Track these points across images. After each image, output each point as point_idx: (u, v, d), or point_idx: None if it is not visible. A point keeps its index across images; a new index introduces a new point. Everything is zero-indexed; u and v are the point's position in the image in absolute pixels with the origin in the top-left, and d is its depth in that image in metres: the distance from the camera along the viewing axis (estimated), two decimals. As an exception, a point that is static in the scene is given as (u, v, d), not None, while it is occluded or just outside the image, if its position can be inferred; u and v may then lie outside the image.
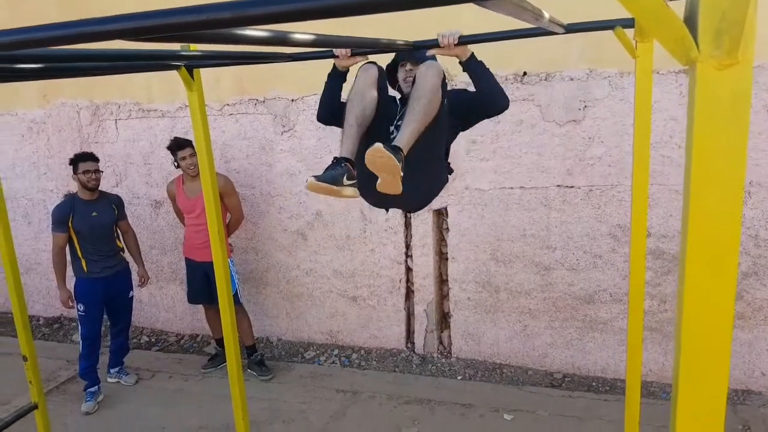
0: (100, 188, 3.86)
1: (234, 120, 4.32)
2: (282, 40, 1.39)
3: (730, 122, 0.68)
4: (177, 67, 2.41)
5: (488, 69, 2.17)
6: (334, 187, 1.99)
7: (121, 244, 4.02)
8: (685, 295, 0.73)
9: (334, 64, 2.35)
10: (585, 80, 3.45)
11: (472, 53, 2.13)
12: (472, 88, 2.30)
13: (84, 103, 4.72)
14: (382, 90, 2.24)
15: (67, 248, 3.81)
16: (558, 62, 3.47)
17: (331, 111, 2.43)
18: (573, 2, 2.88)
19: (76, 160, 3.75)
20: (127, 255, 4.07)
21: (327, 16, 0.89)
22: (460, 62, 2.16)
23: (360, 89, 2.15)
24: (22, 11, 4.65)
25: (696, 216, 0.73)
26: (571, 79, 3.48)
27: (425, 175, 2.16)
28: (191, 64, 2.41)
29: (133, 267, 4.13)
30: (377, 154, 1.83)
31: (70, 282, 3.86)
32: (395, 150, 1.87)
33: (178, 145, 3.82)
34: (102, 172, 3.87)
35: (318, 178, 1.99)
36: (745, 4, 0.62)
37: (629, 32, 2.05)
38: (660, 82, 3.20)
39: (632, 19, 1.95)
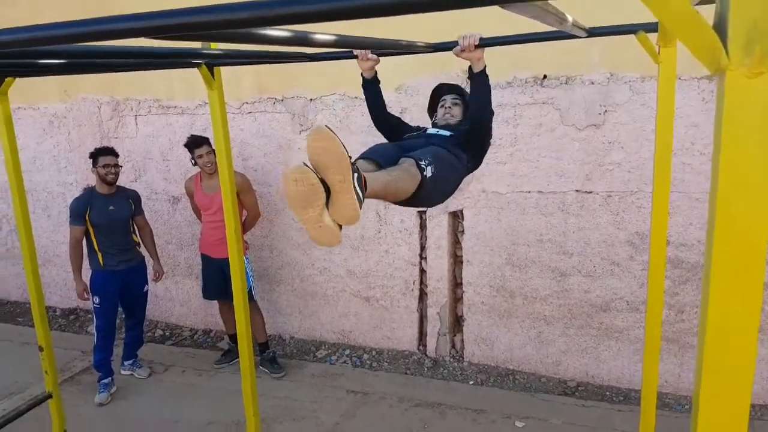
0: (118, 183, 3.91)
1: (252, 118, 4.34)
2: (303, 40, 1.39)
3: (760, 131, 0.66)
4: (198, 65, 2.43)
5: (490, 89, 2.18)
6: (324, 190, 1.41)
7: (137, 238, 4.07)
8: (710, 309, 0.71)
9: (362, 74, 2.39)
10: (606, 84, 3.40)
11: (485, 67, 2.13)
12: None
13: (105, 99, 4.78)
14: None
15: (84, 241, 3.86)
16: (578, 66, 3.43)
17: (380, 119, 2.51)
18: (595, 5, 2.84)
19: (97, 154, 3.81)
20: (143, 250, 4.12)
21: (346, 17, 0.89)
22: (470, 70, 2.15)
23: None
24: (43, 8, 4.71)
25: (722, 226, 0.71)
26: (592, 83, 3.43)
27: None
28: (212, 63, 2.43)
29: (149, 262, 4.17)
30: (320, 134, 1.39)
31: (87, 275, 3.91)
32: (359, 177, 1.46)
33: (195, 143, 3.85)
34: (121, 167, 3.92)
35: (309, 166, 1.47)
36: (779, 12, 0.60)
37: (652, 37, 2.02)
38: (682, 88, 3.15)
39: (655, 24, 1.92)
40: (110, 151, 3.84)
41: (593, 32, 1.82)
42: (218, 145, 2.70)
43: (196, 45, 2.09)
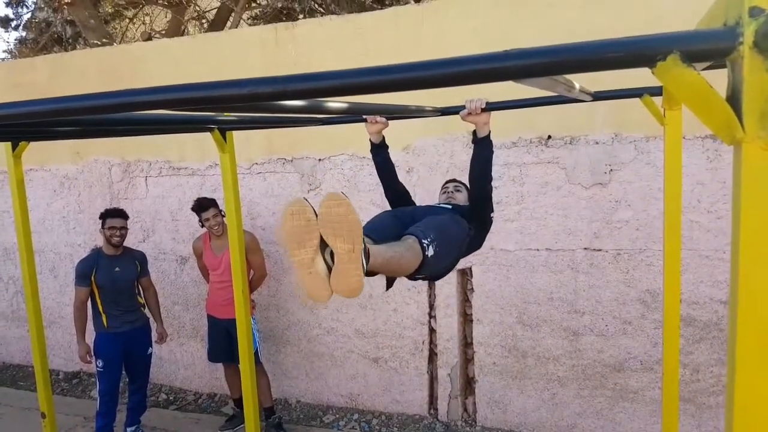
0: (126, 244, 3.93)
1: (262, 178, 4.41)
2: (317, 108, 1.43)
3: (779, 202, 0.67)
4: (210, 130, 2.49)
5: (492, 156, 2.16)
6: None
7: (143, 300, 4.03)
8: (737, 384, 0.69)
9: (370, 140, 2.43)
10: (610, 144, 3.46)
11: (489, 133, 2.16)
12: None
13: (116, 161, 4.88)
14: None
15: (90, 303, 3.82)
16: (582, 126, 3.49)
17: (390, 187, 2.53)
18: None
19: (105, 215, 3.83)
20: (147, 312, 4.08)
21: (362, 92, 0.92)
22: (474, 135, 2.17)
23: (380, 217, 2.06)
24: (60, 72, 4.89)
25: (745, 296, 0.70)
26: (596, 143, 3.49)
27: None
28: (224, 127, 2.49)
29: (154, 324, 4.11)
30: (334, 201, 1.36)
31: (90, 337, 3.85)
32: (365, 249, 1.44)
33: (201, 207, 3.87)
34: (128, 229, 3.90)
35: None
36: (792, 87, 0.61)
37: (656, 99, 2.07)
38: (686, 147, 3.19)
39: (659, 87, 1.98)
40: (119, 213, 3.85)
41: (599, 96, 1.87)
42: (228, 206, 2.73)
43: (210, 112, 2.15)
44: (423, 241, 1.70)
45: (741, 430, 0.71)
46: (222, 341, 3.98)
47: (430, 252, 1.69)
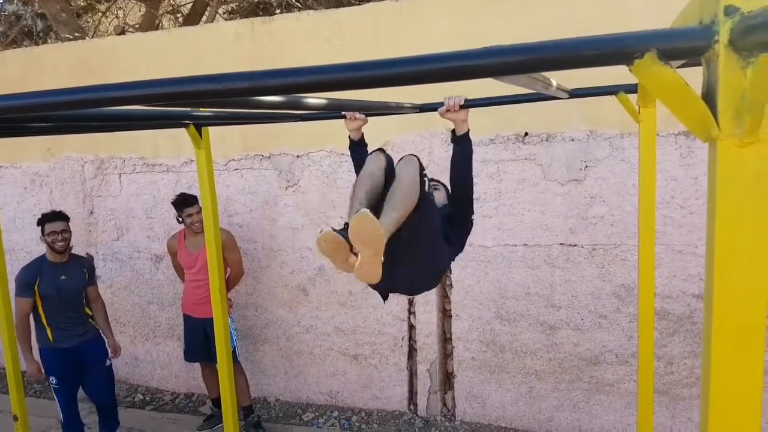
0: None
1: (239, 175, 4.36)
2: (295, 104, 1.42)
3: (753, 199, 0.68)
4: (186, 125, 2.45)
5: (471, 154, 2.12)
6: (346, 243, 1.80)
7: (90, 311, 3.68)
8: (713, 379, 0.70)
9: (349, 137, 2.39)
10: (586, 141, 3.50)
11: (468, 131, 2.13)
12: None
13: (89, 157, 4.77)
14: (388, 177, 2.11)
15: (33, 315, 3.48)
16: (559, 123, 3.53)
17: None
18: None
19: (43, 221, 3.48)
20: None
21: (338, 88, 0.91)
22: (453, 134, 2.15)
23: (370, 170, 2.06)
24: (32, 69, 4.76)
25: (721, 293, 0.71)
26: (572, 140, 3.53)
27: (424, 260, 2.08)
28: (200, 123, 2.45)
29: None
30: (364, 221, 1.66)
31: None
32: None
33: (185, 202, 3.80)
34: (70, 232, 3.55)
35: (335, 231, 1.83)
36: (766, 85, 0.62)
37: (631, 97, 2.10)
38: (660, 144, 3.25)
39: (635, 85, 2.00)
40: (58, 216, 3.49)
41: (575, 93, 1.89)
42: (205, 203, 2.69)
43: (185, 107, 2.11)
44: (423, 172, 1.93)
45: (716, 421, 0.73)
46: (198, 341, 3.93)
47: (427, 188, 1.94)
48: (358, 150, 2.47)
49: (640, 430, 2.49)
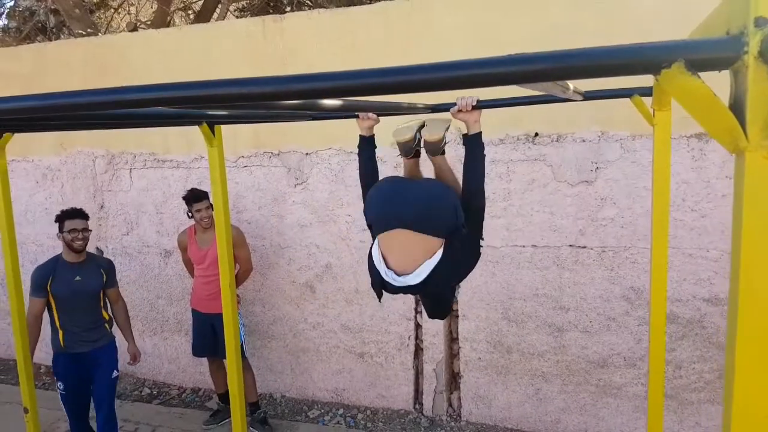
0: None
1: (248, 172, 4.37)
2: (311, 105, 1.42)
3: (780, 210, 0.68)
4: (199, 123, 2.46)
5: (484, 157, 2.06)
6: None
7: (108, 315, 3.54)
8: (735, 392, 0.70)
9: (360, 136, 2.35)
10: (597, 142, 3.49)
11: (480, 132, 2.06)
12: None
13: (100, 152, 4.80)
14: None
15: (48, 317, 3.37)
16: (569, 124, 3.52)
17: (370, 185, 2.27)
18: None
19: (63, 217, 3.35)
20: (114, 328, 3.61)
21: (361, 94, 0.91)
22: (465, 134, 2.12)
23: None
24: (46, 60, 4.79)
25: (746, 303, 0.71)
26: (583, 141, 3.52)
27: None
28: (213, 121, 2.46)
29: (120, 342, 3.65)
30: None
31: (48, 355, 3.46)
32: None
33: (195, 198, 3.82)
34: (90, 231, 3.45)
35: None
36: (796, 98, 0.62)
37: (646, 100, 2.09)
38: (672, 147, 3.22)
39: (649, 88, 1.99)
40: (79, 214, 3.37)
41: (589, 96, 1.88)
42: (216, 201, 2.70)
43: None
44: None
45: (739, 427, 0.72)
46: (207, 336, 3.95)
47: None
48: (368, 149, 2.42)
49: (648, 434, 2.48)
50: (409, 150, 2.20)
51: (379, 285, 2.01)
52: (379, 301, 2.08)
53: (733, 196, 0.71)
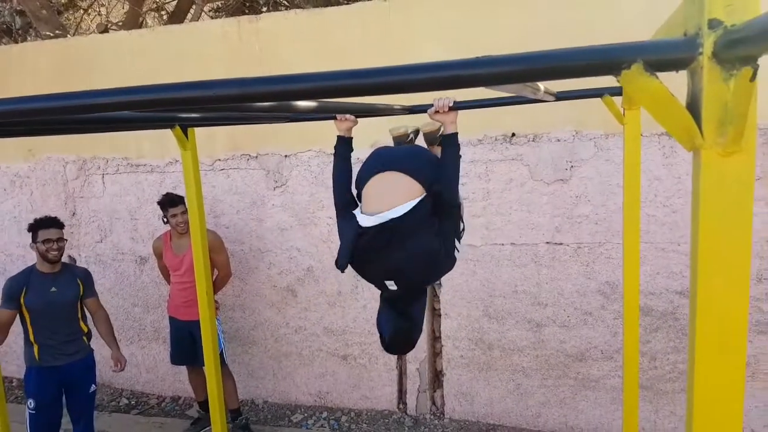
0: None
1: (225, 175, 4.33)
2: (286, 107, 1.42)
3: (735, 206, 0.70)
4: (171, 126, 2.43)
5: (459, 158, 2.05)
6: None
7: (86, 327, 3.43)
8: (696, 382, 0.72)
9: (338, 136, 2.33)
10: (571, 141, 3.54)
11: (456, 133, 2.06)
12: None
13: (71, 158, 4.71)
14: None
15: (22, 331, 3.27)
16: (545, 124, 3.57)
17: (345, 187, 2.21)
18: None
19: (36, 227, 3.23)
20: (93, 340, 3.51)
21: (332, 96, 0.92)
22: (442, 134, 2.11)
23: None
24: (12, 63, 4.68)
25: (704, 295, 0.73)
26: (558, 140, 3.57)
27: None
28: (186, 124, 2.44)
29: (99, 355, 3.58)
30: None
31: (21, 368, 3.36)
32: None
33: (171, 202, 3.77)
34: (66, 240, 3.35)
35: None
36: (748, 96, 0.64)
37: (616, 99, 2.13)
38: (643, 144, 3.28)
39: (620, 88, 2.04)
40: (53, 223, 3.25)
41: (562, 96, 1.91)
42: (191, 206, 2.67)
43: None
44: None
45: (700, 414, 0.75)
46: (185, 344, 3.90)
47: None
48: (344, 150, 2.39)
49: (625, 425, 2.54)
50: (402, 144, 2.49)
51: (351, 244, 1.93)
52: (342, 271, 2.00)
53: (691, 192, 0.73)
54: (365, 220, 1.93)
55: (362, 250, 1.93)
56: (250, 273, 4.37)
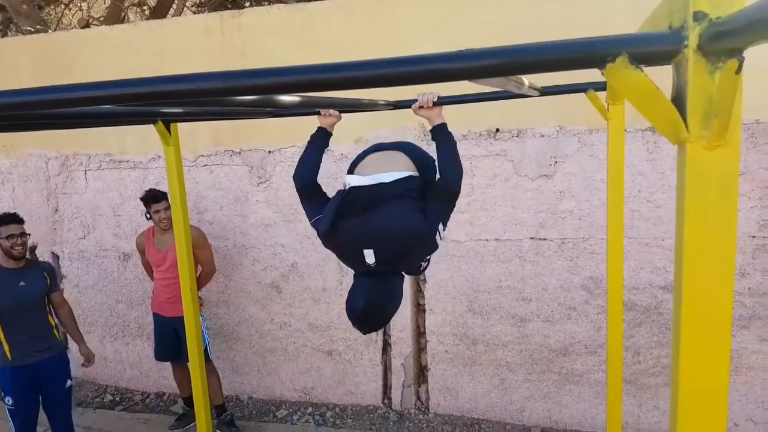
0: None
1: (208, 171, 4.29)
2: (269, 102, 1.40)
3: (719, 199, 0.70)
4: (154, 122, 2.40)
5: (455, 145, 2.03)
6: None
7: (55, 321, 3.39)
8: (681, 376, 0.73)
9: (318, 127, 2.32)
10: (555, 137, 3.56)
11: (445, 123, 2.05)
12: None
13: (52, 154, 4.63)
14: None
15: None
16: (529, 119, 3.58)
17: (312, 178, 2.26)
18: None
19: None
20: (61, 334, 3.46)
21: (315, 90, 0.91)
22: (432, 129, 2.09)
23: None
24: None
25: (689, 289, 0.74)
26: (542, 136, 3.58)
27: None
28: (169, 119, 2.40)
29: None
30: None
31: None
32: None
33: (154, 198, 3.73)
34: (29, 235, 3.31)
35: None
36: (734, 89, 0.65)
37: (600, 94, 2.15)
38: (627, 139, 3.32)
39: (604, 83, 2.05)
40: (13, 218, 3.21)
41: (546, 92, 1.92)
42: (174, 202, 2.64)
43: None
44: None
45: (685, 408, 0.75)
46: (169, 340, 3.87)
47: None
48: (321, 139, 2.35)
49: (609, 419, 2.56)
50: None
51: (336, 205, 1.92)
52: (325, 236, 1.98)
53: (676, 186, 0.73)
54: (358, 180, 1.97)
55: (346, 213, 1.90)
56: (234, 269, 4.33)
